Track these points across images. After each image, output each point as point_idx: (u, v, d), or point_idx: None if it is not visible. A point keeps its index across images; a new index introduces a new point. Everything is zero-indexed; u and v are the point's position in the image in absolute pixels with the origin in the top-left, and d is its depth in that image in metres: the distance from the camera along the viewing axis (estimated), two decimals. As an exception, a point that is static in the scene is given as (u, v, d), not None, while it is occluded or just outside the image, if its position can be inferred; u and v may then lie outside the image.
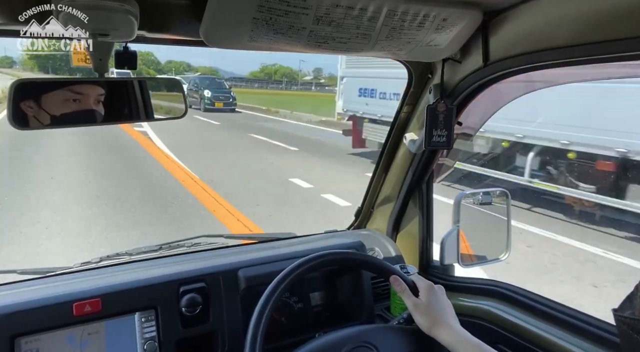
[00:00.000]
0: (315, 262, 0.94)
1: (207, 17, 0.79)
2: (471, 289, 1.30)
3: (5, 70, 33.67)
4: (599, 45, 0.78)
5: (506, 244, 1.34)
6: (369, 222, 1.56)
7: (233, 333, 1.05)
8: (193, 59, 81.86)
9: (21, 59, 44.45)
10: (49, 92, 0.87)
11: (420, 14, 0.86)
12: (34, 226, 4.59)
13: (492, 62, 1.00)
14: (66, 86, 0.89)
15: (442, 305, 0.94)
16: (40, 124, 0.86)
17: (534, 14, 0.88)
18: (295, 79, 77.38)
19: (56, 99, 0.87)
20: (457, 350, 0.87)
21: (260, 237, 1.49)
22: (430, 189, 1.41)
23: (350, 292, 1.23)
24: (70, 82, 0.91)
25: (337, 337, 0.90)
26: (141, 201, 5.68)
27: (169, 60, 74.55)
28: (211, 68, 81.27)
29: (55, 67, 26.87)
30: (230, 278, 1.09)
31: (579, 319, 1.04)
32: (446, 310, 0.93)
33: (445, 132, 1.14)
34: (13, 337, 0.88)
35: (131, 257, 1.24)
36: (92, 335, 0.94)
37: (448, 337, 0.88)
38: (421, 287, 0.96)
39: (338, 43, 0.90)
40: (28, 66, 47.89)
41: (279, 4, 0.77)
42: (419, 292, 0.96)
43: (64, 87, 0.89)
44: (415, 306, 0.94)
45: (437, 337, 0.89)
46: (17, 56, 49.38)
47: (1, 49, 51.11)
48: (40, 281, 1.07)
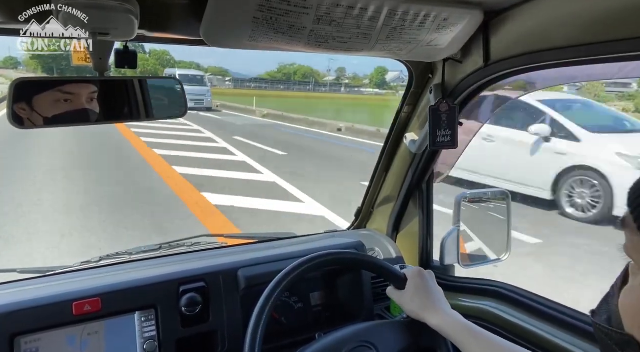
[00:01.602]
0: (315, 262, 0.94)
1: (207, 17, 0.79)
2: (471, 290, 1.30)
3: (6, 73, 33.24)
4: (600, 46, 0.78)
5: (506, 245, 1.34)
6: (369, 222, 1.56)
7: (233, 333, 1.05)
8: (203, 60, 78.88)
9: (24, 59, 44.25)
10: (42, 93, 0.86)
11: (421, 13, 0.86)
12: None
13: (493, 62, 1.00)
14: (65, 85, 0.89)
15: (429, 290, 0.94)
16: (34, 125, 0.86)
17: (535, 14, 0.88)
18: (316, 79, 73.56)
19: (47, 101, 0.86)
20: (447, 332, 0.87)
21: (260, 237, 1.49)
22: (431, 189, 1.41)
23: (350, 292, 1.23)
24: (70, 81, 0.91)
25: (335, 339, 0.90)
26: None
27: (180, 61, 72.92)
28: (220, 68, 78.56)
29: (60, 67, 26.71)
30: (230, 278, 1.09)
31: (579, 319, 1.04)
32: (435, 294, 0.93)
33: (449, 131, 1.14)
34: (13, 336, 0.88)
35: (131, 257, 1.24)
36: (91, 334, 0.94)
37: (436, 320, 0.89)
38: (409, 275, 0.97)
39: (338, 43, 0.90)
40: (31, 67, 47.53)
41: (280, 3, 0.77)
42: (407, 279, 0.96)
43: (57, 88, 0.88)
44: (400, 297, 0.95)
45: (427, 322, 0.90)
46: (20, 56, 49.00)
47: (5, 48, 50.89)
48: (40, 280, 1.07)
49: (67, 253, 3.88)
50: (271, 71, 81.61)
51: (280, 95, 40.32)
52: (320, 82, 69.62)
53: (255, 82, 62.15)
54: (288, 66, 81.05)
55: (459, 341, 0.86)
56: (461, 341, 0.85)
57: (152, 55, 61.46)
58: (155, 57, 61.85)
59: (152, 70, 61.99)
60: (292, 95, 45.44)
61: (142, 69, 60.19)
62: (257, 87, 56.12)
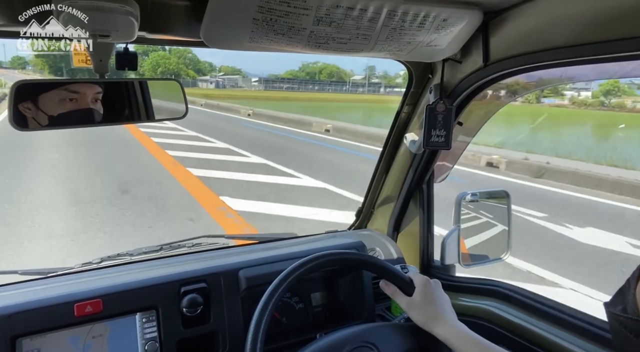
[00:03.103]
0: (316, 263, 0.94)
1: (207, 18, 0.79)
2: (472, 289, 1.30)
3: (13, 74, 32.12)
4: (600, 45, 0.78)
5: (507, 244, 1.34)
6: (370, 222, 1.56)
7: (234, 333, 1.05)
8: (216, 60, 75.05)
9: (31, 58, 43.40)
10: (48, 92, 0.87)
11: (421, 14, 0.86)
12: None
13: (493, 62, 1.00)
14: (71, 85, 0.89)
15: (437, 299, 0.94)
16: (38, 125, 0.86)
17: (534, 14, 0.88)
18: (343, 79, 68.69)
19: (53, 99, 0.86)
20: (453, 343, 0.87)
21: (261, 237, 1.49)
22: (431, 188, 1.41)
23: (351, 292, 1.23)
24: (70, 82, 0.91)
25: (337, 339, 0.90)
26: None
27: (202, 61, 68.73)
28: (233, 68, 74.48)
29: (70, 68, 26.13)
30: (231, 278, 1.09)
31: (580, 319, 1.04)
32: (442, 304, 0.93)
33: (444, 132, 1.14)
34: (14, 338, 0.88)
35: (132, 258, 1.25)
36: (93, 335, 0.94)
37: (443, 331, 0.89)
38: (417, 283, 0.97)
39: (338, 44, 0.90)
40: (38, 67, 46.47)
41: (279, 4, 0.77)
42: (415, 288, 0.96)
43: (63, 87, 0.88)
44: (408, 304, 0.94)
45: (433, 332, 0.90)
46: (28, 56, 47.80)
47: (12, 48, 49.81)
48: (42, 282, 1.07)
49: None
50: (291, 70, 76.95)
51: (322, 98, 32.70)
52: (351, 82, 64.80)
53: (282, 82, 57.38)
54: (311, 65, 76.29)
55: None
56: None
57: (173, 53, 58.31)
58: (176, 55, 58.49)
59: (175, 69, 58.68)
60: (336, 97, 38.73)
61: (164, 69, 57.24)
62: (290, 88, 51.94)
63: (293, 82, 62.02)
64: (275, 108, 20.38)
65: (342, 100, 37.45)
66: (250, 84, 53.87)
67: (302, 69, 77.51)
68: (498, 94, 1.24)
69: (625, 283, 0.50)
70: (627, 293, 0.49)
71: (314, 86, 60.97)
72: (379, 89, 57.87)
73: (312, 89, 58.19)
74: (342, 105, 29.88)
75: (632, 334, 0.46)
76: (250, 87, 51.22)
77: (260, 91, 44.40)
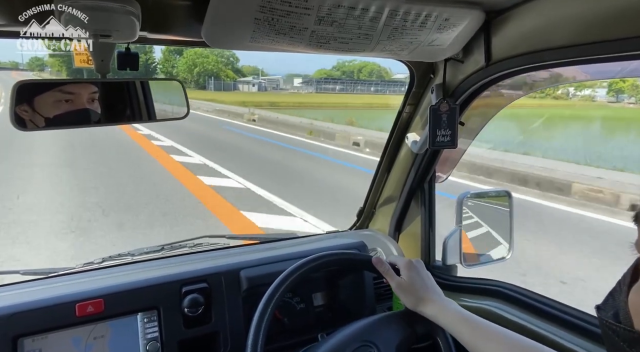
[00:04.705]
0: (317, 263, 0.94)
1: (208, 18, 0.79)
2: (473, 289, 1.30)
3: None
4: (602, 45, 0.78)
5: (509, 244, 1.34)
6: (371, 222, 1.56)
7: (235, 333, 1.05)
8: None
9: (48, 59, 42.04)
10: (43, 94, 0.86)
11: (422, 14, 0.86)
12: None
13: (495, 61, 1.00)
14: (66, 85, 0.89)
15: (423, 280, 0.95)
16: (36, 126, 0.86)
17: (536, 13, 0.88)
18: (384, 78, 62.61)
19: (48, 101, 0.86)
20: (442, 321, 0.88)
21: (262, 237, 1.49)
22: (432, 188, 1.41)
23: (352, 292, 1.23)
24: (72, 82, 0.91)
25: (337, 341, 0.90)
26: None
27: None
28: (254, 68, 67.70)
29: (90, 69, 24.98)
30: (232, 278, 1.09)
31: (581, 319, 1.04)
32: (427, 284, 0.95)
33: (449, 131, 1.14)
34: (16, 337, 0.88)
35: (133, 258, 1.25)
36: (95, 337, 0.94)
37: (432, 311, 0.90)
38: (400, 265, 0.98)
39: (340, 43, 0.90)
40: (55, 69, 45.06)
41: (281, 4, 0.77)
42: (400, 271, 0.97)
43: (57, 88, 0.88)
44: (398, 285, 0.95)
45: (423, 313, 0.91)
46: (44, 56, 46.55)
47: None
48: (43, 282, 1.07)
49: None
50: (323, 69, 69.74)
51: (388, 103, 25.18)
52: (390, 81, 58.49)
53: (335, 82, 51.27)
54: (347, 63, 68.18)
55: (454, 330, 0.86)
56: (458, 331, 0.86)
57: (211, 50, 53.76)
58: (214, 52, 51.77)
59: (214, 69, 52.37)
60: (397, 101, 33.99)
61: (201, 69, 52.69)
62: (342, 90, 46.25)
63: (345, 82, 55.56)
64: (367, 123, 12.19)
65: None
66: (293, 85, 49.18)
67: (338, 68, 68.95)
68: (499, 93, 1.24)
69: (616, 285, 0.49)
70: (617, 297, 0.48)
71: (363, 87, 54.78)
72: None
73: (362, 90, 52.43)
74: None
75: (625, 343, 0.46)
76: (292, 88, 46.67)
77: (311, 94, 38.04)
